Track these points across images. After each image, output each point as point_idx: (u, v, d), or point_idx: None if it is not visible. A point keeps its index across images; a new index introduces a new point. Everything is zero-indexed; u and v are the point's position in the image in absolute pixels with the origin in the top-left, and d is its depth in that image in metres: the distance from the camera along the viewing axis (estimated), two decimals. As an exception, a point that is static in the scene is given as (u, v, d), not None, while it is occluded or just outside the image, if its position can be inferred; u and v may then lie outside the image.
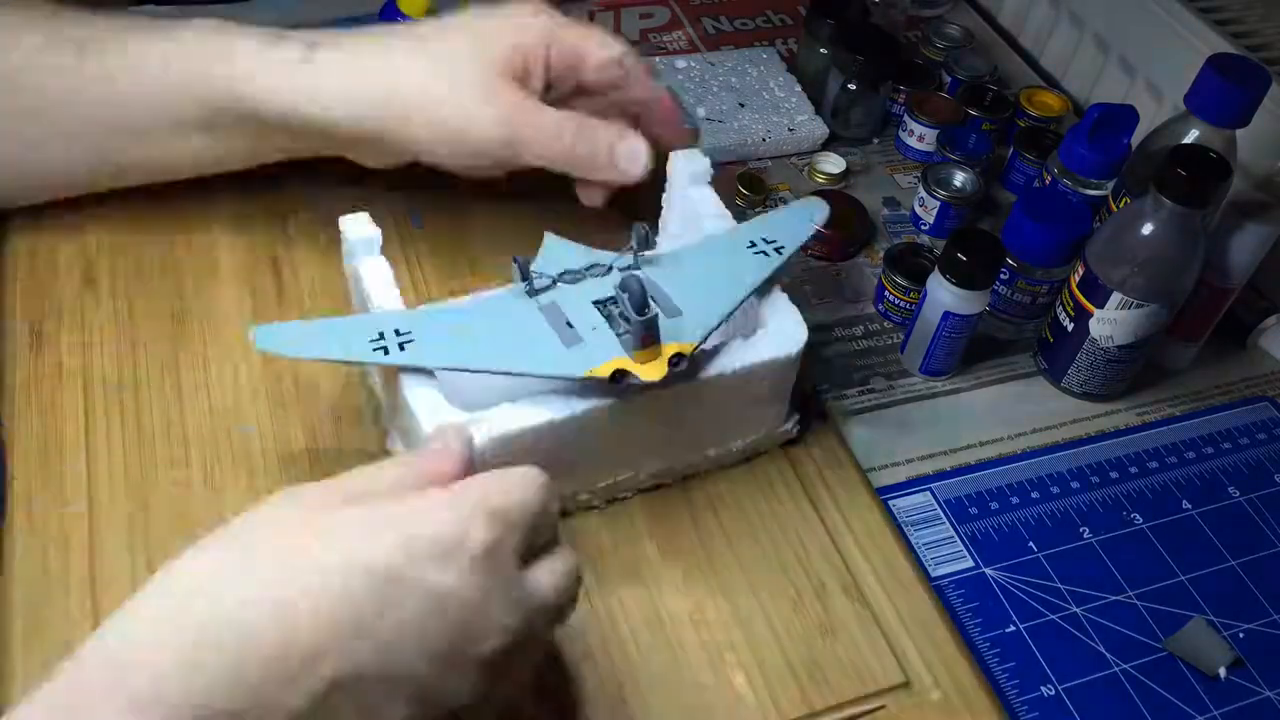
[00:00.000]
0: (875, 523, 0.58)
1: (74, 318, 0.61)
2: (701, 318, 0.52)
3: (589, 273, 0.53)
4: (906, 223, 0.79)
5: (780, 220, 0.59)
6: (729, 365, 0.53)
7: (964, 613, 0.58)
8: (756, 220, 0.59)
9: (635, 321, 0.48)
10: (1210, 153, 0.59)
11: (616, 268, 0.54)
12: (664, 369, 0.49)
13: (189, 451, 0.56)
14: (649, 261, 0.55)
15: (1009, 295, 0.71)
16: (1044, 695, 0.55)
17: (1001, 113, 0.84)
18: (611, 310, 0.51)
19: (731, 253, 0.57)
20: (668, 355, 0.50)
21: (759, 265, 0.56)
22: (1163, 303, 0.63)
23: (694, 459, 0.58)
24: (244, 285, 0.65)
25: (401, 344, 0.49)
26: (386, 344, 0.49)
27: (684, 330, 0.51)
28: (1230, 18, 0.80)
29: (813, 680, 0.51)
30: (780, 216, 0.60)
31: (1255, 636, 0.59)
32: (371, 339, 0.49)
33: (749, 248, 0.57)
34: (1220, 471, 0.66)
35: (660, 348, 0.50)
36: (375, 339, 0.49)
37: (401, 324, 0.50)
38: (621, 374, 0.49)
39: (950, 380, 0.70)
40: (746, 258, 0.56)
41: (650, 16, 0.95)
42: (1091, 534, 0.62)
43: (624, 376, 0.49)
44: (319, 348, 0.50)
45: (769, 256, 0.56)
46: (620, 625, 0.52)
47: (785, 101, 0.84)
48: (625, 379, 0.49)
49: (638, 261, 0.54)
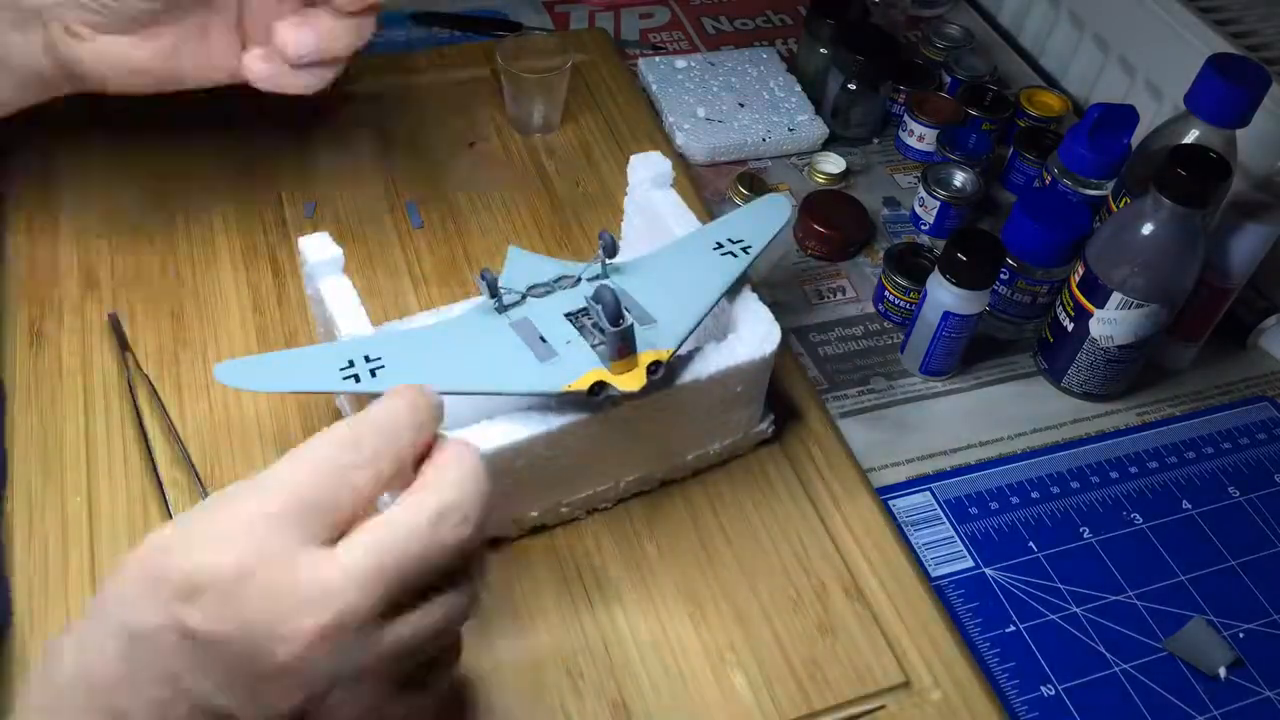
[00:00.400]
0: (875, 523, 0.58)
1: (74, 318, 0.61)
2: (675, 324, 0.52)
3: (558, 285, 0.53)
4: (906, 223, 0.79)
5: (744, 219, 0.59)
6: (704, 370, 0.53)
7: (964, 613, 0.58)
8: (720, 220, 0.59)
9: (611, 332, 0.48)
10: (1210, 153, 0.59)
11: (585, 278, 0.53)
12: (642, 378, 0.49)
13: (189, 451, 0.56)
14: (617, 270, 0.54)
15: (1009, 295, 0.71)
16: (1044, 695, 0.55)
17: (1001, 113, 0.84)
18: (584, 322, 0.50)
19: (699, 255, 0.56)
20: (645, 364, 0.49)
21: (728, 266, 0.55)
22: (1163, 303, 0.63)
23: (671, 465, 0.57)
24: (244, 284, 0.65)
25: (373, 370, 0.48)
26: (357, 371, 0.48)
27: (659, 337, 0.51)
28: (1230, 18, 0.80)
29: (813, 680, 0.51)
30: (743, 215, 0.59)
31: (1255, 636, 0.59)
32: (341, 367, 0.48)
33: (716, 249, 0.56)
34: (1220, 471, 0.66)
35: (636, 357, 0.49)
36: (345, 367, 0.48)
37: (370, 349, 0.49)
38: (600, 386, 0.48)
39: (950, 380, 0.70)
40: (714, 259, 0.56)
41: (650, 16, 0.95)
42: (1091, 534, 0.62)
43: (602, 389, 0.49)
44: (286, 381, 0.48)
45: (737, 257, 0.56)
46: (620, 625, 0.52)
47: (785, 101, 0.84)
48: (604, 391, 0.49)
49: (606, 270, 0.54)
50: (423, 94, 0.79)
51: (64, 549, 0.52)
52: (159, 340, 0.61)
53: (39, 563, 0.51)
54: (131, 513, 0.54)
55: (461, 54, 0.83)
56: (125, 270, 0.64)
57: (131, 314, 0.62)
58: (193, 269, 0.65)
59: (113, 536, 0.53)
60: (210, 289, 0.64)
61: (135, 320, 0.62)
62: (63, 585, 0.51)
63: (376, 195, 0.71)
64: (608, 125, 0.79)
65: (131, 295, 0.63)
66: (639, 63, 0.87)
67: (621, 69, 0.85)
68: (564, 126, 0.79)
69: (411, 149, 0.75)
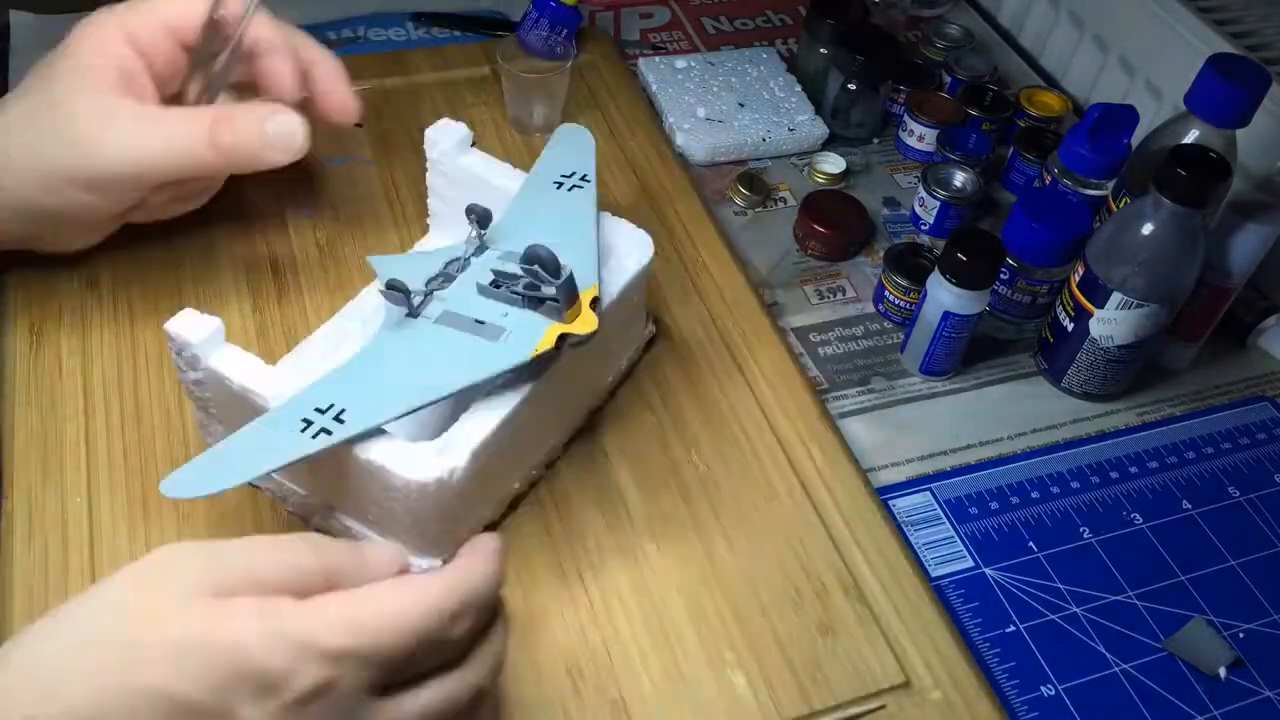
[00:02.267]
0: (875, 523, 0.58)
1: (74, 318, 0.61)
2: (581, 261, 0.53)
3: (449, 269, 0.53)
4: (906, 223, 0.79)
5: (562, 154, 0.61)
6: (610, 292, 0.55)
7: (964, 613, 0.58)
8: (541, 162, 0.60)
9: (560, 285, 0.49)
10: (1210, 153, 0.59)
11: (470, 256, 0.54)
12: (593, 316, 0.50)
13: (189, 452, 0.56)
14: (490, 240, 0.55)
15: (1009, 295, 0.71)
16: (1044, 695, 0.55)
17: (1001, 113, 0.84)
18: (508, 291, 0.51)
19: (552, 197, 0.58)
20: (587, 302, 0.51)
21: (582, 197, 0.58)
22: (1163, 303, 0.63)
23: (598, 394, 0.60)
24: (244, 285, 0.65)
25: (337, 416, 0.46)
26: (322, 424, 0.45)
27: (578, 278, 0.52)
28: (1230, 18, 0.80)
29: (813, 680, 0.51)
30: (559, 151, 0.61)
31: (1255, 636, 0.59)
32: (299, 429, 0.45)
33: (559, 187, 0.58)
34: (1220, 471, 0.66)
35: (579, 301, 0.50)
36: (304, 426, 0.45)
37: (318, 399, 0.47)
38: (563, 338, 0.50)
39: (950, 380, 0.70)
40: (566, 196, 0.58)
41: (650, 16, 0.95)
42: (1091, 534, 0.62)
43: (565, 340, 0.50)
44: (248, 467, 0.45)
45: (583, 187, 0.58)
46: (620, 625, 0.52)
47: (785, 101, 0.84)
48: (567, 342, 0.50)
49: (484, 241, 0.55)
50: (423, 94, 0.79)
51: (64, 549, 0.52)
52: (159, 340, 0.61)
53: (39, 563, 0.51)
54: (131, 513, 0.53)
55: (461, 54, 0.83)
56: (126, 270, 0.64)
57: (131, 314, 0.62)
58: (193, 269, 0.65)
59: (113, 536, 0.53)
60: (211, 289, 0.64)
61: (135, 320, 0.62)
62: (63, 585, 0.51)
63: (376, 195, 0.71)
64: (608, 125, 0.79)
65: (132, 295, 0.63)
66: (639, 63, 0.87)
67: (621, 69, 0.85)
68: (564, 126, 0.79)
69: (411, 149, 0.75)
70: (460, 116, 0.68)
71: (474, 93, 0.80)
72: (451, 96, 0.79)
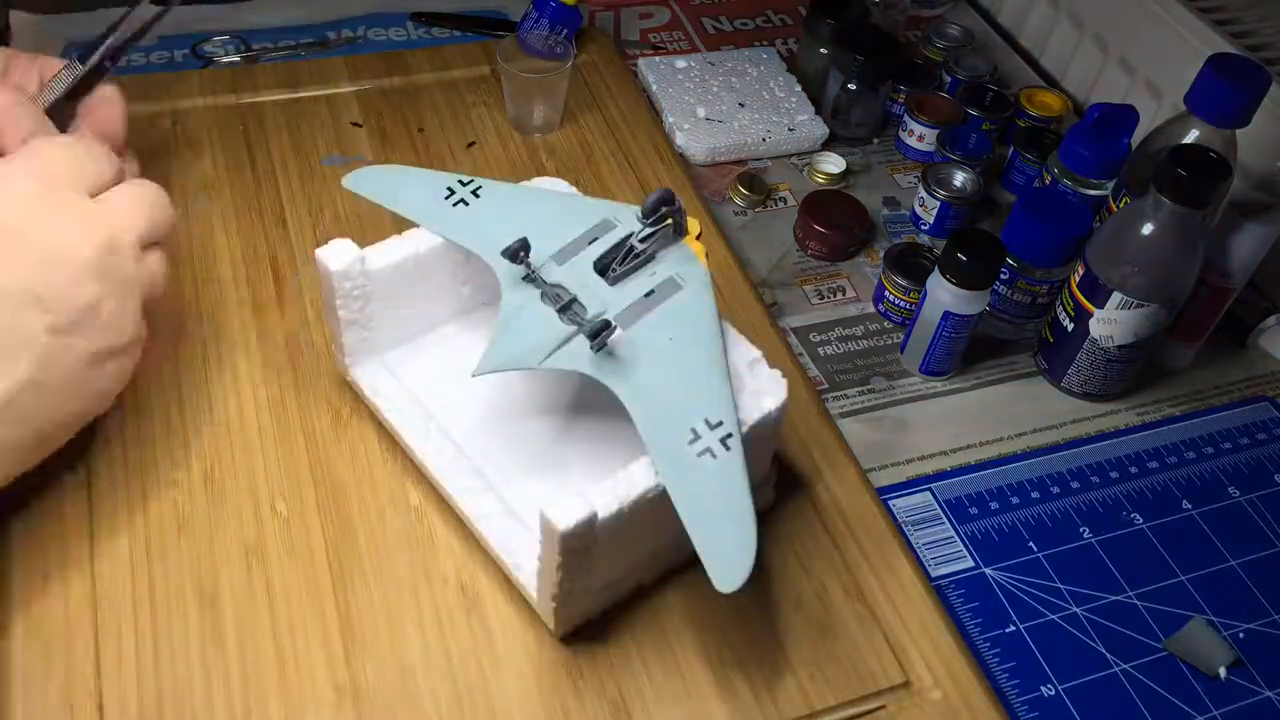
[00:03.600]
0: (875, 523, 0.58)
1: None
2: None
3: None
4: (906, 223, 0.79)
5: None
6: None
7: (964, 613, 0.58)
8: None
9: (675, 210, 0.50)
10: (1210, 153, 0.59)
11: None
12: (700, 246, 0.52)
13: (189, 452, 0.56)
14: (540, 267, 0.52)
15: (1009, 295, 0.71)
16: (1044, 695, 0.55)
17: (1001, 113, 0.84)
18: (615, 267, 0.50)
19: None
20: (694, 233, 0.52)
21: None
22: (1163, 303, 0.63)
23: None
24: (244, 283, 0.65)
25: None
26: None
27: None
28: (1230, 18, 0.80)
29: (813, 680, 0.51)
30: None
31: (1255, 636, 0.59)
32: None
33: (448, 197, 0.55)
34: (1220, 471, 0.66)
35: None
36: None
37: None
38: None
39: (950, 380, 0.70)
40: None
41: (650, 16, 0.95)
42: (1091, 534, 0.62)
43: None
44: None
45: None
46: (620, 625, 0.52)
47: (785, 101, 0.84)
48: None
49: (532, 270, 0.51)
50: (422, 94, 0.79)
51: (64, 549, 0.52)
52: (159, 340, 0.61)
53: (39, 563, 0.51)
54: (133, 512, 0.53)
55: (461, 54, 0.83)
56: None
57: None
58: (193, 268, 0.65)
59: (112, 536, 0.53)
60: (210, 288, 0.64)
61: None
62: (63, 585, 0.51)
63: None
64: (608, 125, 0.79)
65: (131, 295, 0.63)
66: (639, 63, 0.87)
67: (621, 69, 0.85)
68: (564, 126, 0.79)
69: (411, 149, 0.75)
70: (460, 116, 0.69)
71: (474, 93, 0.80)
72: (451, 96, 0.79)
